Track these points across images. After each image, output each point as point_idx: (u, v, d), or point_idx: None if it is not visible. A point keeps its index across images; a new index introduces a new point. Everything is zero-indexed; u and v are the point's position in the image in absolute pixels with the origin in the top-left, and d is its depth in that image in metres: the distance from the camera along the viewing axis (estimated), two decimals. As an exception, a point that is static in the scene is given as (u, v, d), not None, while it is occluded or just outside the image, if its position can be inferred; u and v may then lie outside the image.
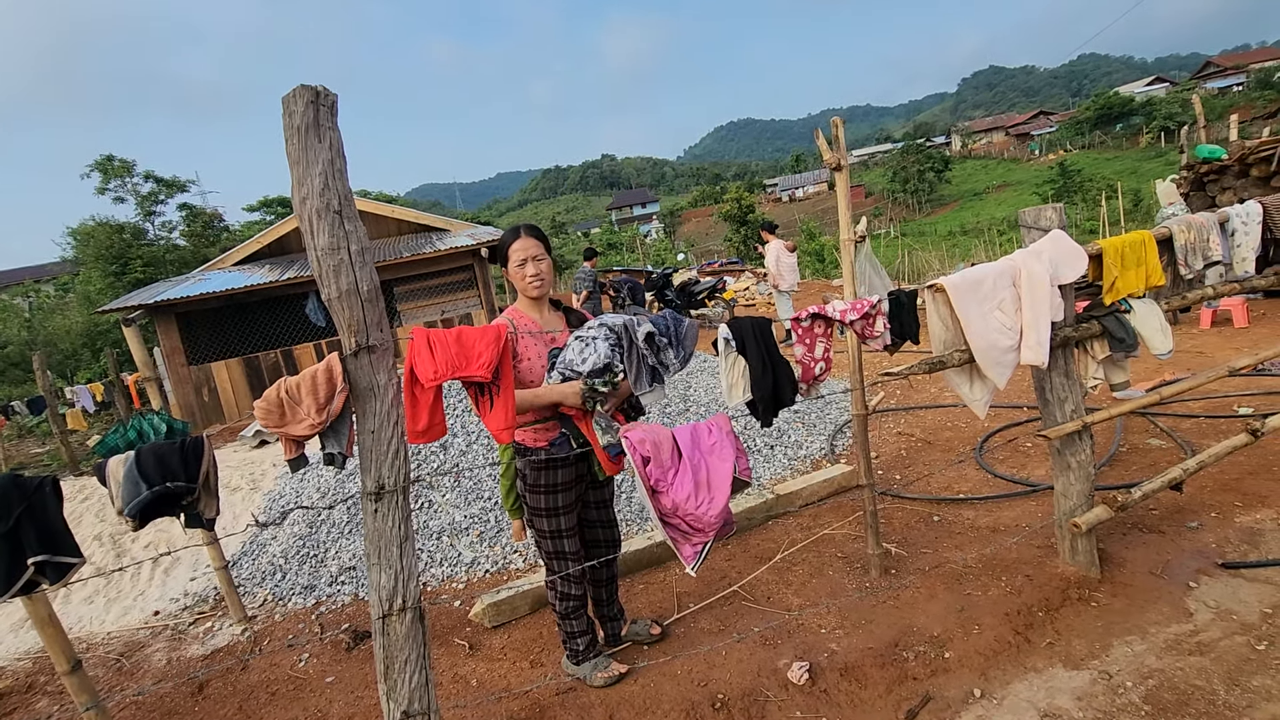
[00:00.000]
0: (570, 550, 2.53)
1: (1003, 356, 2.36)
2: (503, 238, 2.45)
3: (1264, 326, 6.58)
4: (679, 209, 71.87)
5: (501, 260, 2.42)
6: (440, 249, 12.52)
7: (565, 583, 2.54)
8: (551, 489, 2.45)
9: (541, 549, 2.57)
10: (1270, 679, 2.16)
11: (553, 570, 2.56)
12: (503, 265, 2.42)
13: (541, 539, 2.54)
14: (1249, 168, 7.44)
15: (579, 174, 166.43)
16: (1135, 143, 47.92)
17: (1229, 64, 65.32)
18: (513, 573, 3.85)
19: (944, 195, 51.80)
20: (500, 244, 2.44)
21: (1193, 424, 4.37)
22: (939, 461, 4.46)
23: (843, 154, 2.83)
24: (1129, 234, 2.58)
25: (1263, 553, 2.83)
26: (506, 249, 2.39)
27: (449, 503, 4.36)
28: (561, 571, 2.53)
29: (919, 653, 2.53)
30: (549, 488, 2.45)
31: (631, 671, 2.64)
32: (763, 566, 3.38)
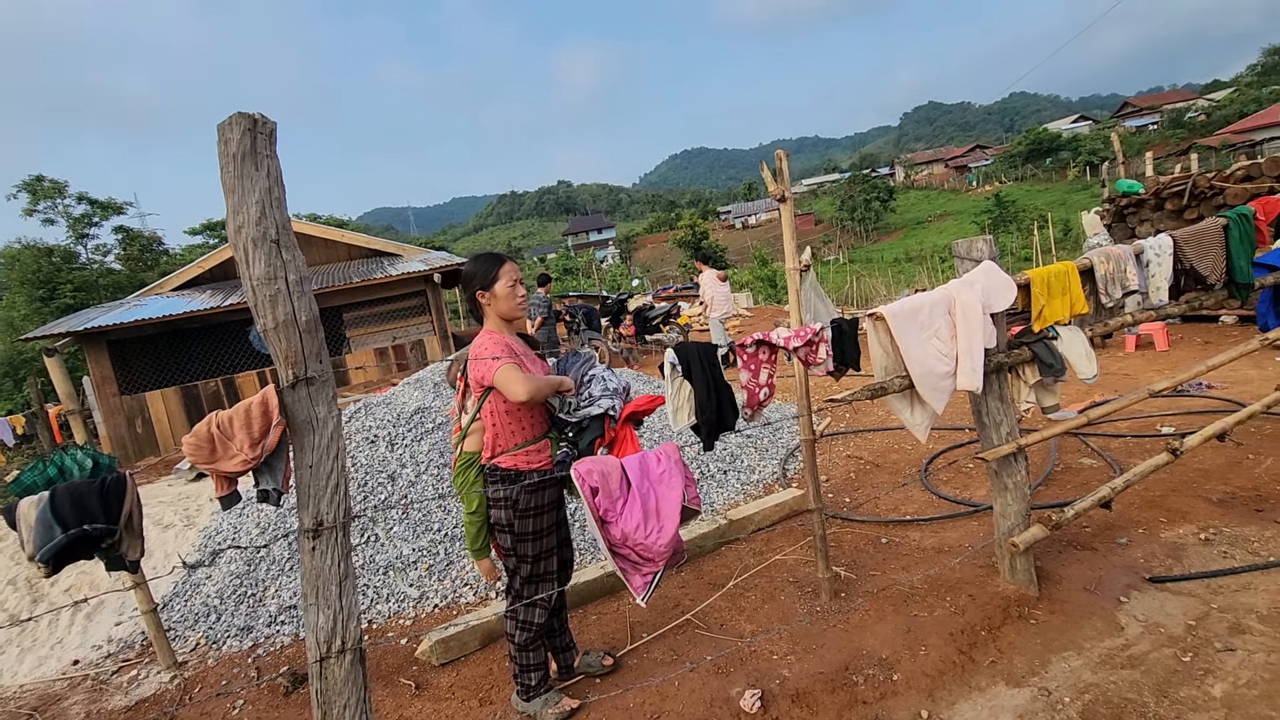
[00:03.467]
0: (554, 570, 2.55)
1: (940, 382, 2.44)
2: (483, 263, 2.47)
3: (1181, 350, 6.99)
4: (635, 235, 72.59)
5: (483, 283, 2.43)
6: (392, 274, 12.32)
7: (531, 610, 2.52)
8: (541, 510, 2.45)
9: (520, 575, 2.53)
10: (1195, 689, 2.26)
11: (526, 597, 2.52)
12: (481, 289, 2.43)
13: (524, 564, 2.50)
14: (1164, 201, 7.96)
15: (535, 199, 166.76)
16: (1063, 176, 50.76)
17: (1144, 104, 70.15)
18: (463, 607, 3.75)
19: (889, 223, 53.75)
20: (480, 269, 2.45)
21: (1121, 443, 4.59)
22: (886, 484, 4.56)
23: (786, 186, 2.92)
24: (1054, 265, 2.73)
25: (1185, 567, 2.97)
26: (495, 271, 2.42)
27: (396, 536, 4.23)
28: (543, 594, 2.51)
29: (868, 676, 2.55)
30: (539, 509, 2.45)
31: (583, 706, 2.59)
32: (716, 593, 3.38)
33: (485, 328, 2.47)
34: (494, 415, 2.39)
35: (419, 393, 5.33)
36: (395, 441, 4.82)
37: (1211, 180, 7.51)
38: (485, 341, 2.35)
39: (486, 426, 2.42)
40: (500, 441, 2.40)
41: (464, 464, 2.60)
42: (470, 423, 2.53)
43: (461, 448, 2.60)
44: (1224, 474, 3.77)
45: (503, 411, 2.39)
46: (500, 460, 2.40)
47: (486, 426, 2.42)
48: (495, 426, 2.40)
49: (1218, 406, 4.91)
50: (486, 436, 2.43)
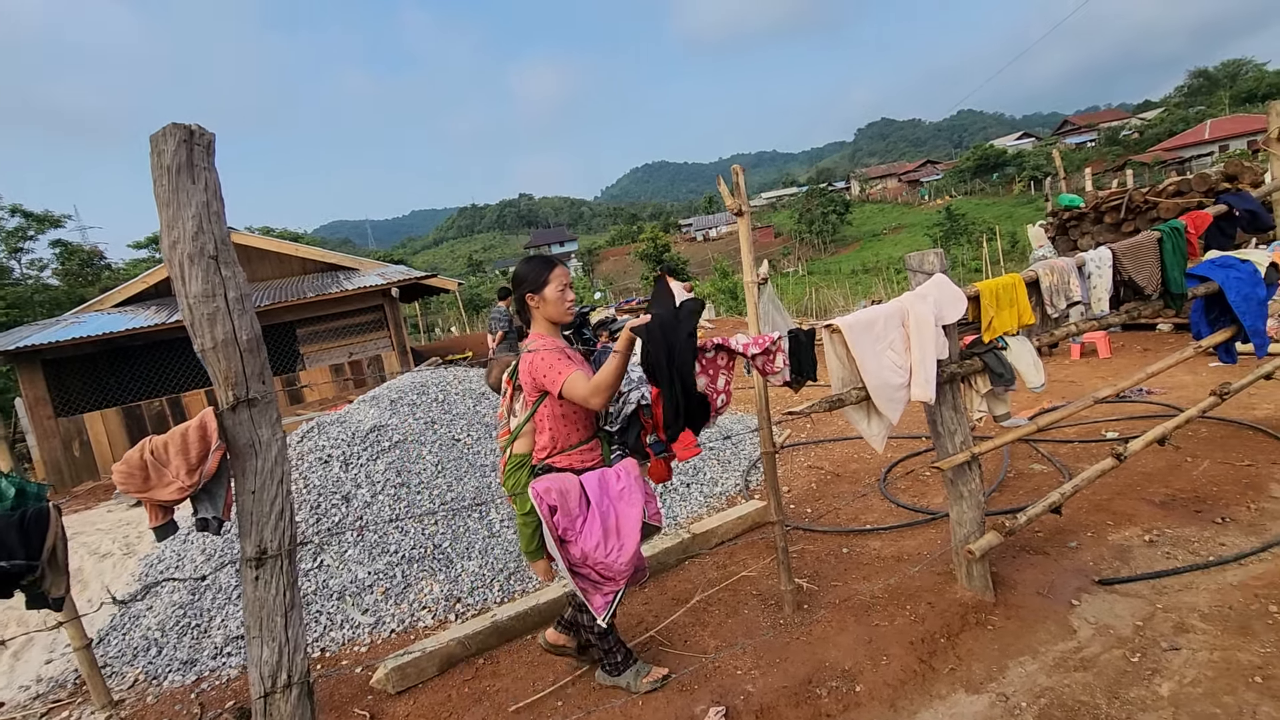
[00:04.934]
0: None
1: (895, 394, 2.48)
2: (534, 266, 2.53)
3: (1123, 357, 7.28)
4: (597, 248, 72.72)
5: (533, 287, 2.49)
6: (348, 289, 12.06)
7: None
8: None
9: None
10: (1144, 689, 2.32)
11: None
12: (532, 292, 2.49)
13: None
14: (1103, 215, 8.32)
15: (496, 212, 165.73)
16: (1009, 190, 52.76)
17: (1083, 122, 73.54)
18: (421, 631, 3.64)
19: (846, 236, 55.01)
20: (531, 272, 2.52)
21: (1069, 449, 4.73)
22: (847, 493, 4.61)
23: (743, 200, 2.95)
24: (1003, 277, 2.80)
25: (1132, 568, 3.06)
26: (546, 275, 2.49)
27: (351, 559, 4.09)
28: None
29: (831, 688, 2.55)
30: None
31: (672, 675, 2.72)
32: (680, 609, 3.35)
33: (535, 331, 2.54)
34: (551, 419, 2.46)
35: (375, 410, 5.19)
36: (350, 461, 4.68)
37: (1146, 195, 7.88)
38: (541, 349, 2.40)
39: (542, 429, 2.48)
40: (558, 442, 2.47)
41: (515, 466, 2.59)
42: (522, 425, 2.54)
43: (511, 450, 2.60)
44: (1165, 477, 3.92)
45: (559, 415, 2.46)
46: (556, 460, 2.46)
47: (542, 429, 2.48)
48: (552, 430, 2.46)
49: (1158, 411, 5.11)
50: (541, 439, 2.49)
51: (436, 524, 4.29)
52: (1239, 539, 3.17)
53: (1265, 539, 3.11)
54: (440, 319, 39.19)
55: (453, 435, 5.07)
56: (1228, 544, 3.14)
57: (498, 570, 3.99)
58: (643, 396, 2.66)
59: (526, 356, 2.44)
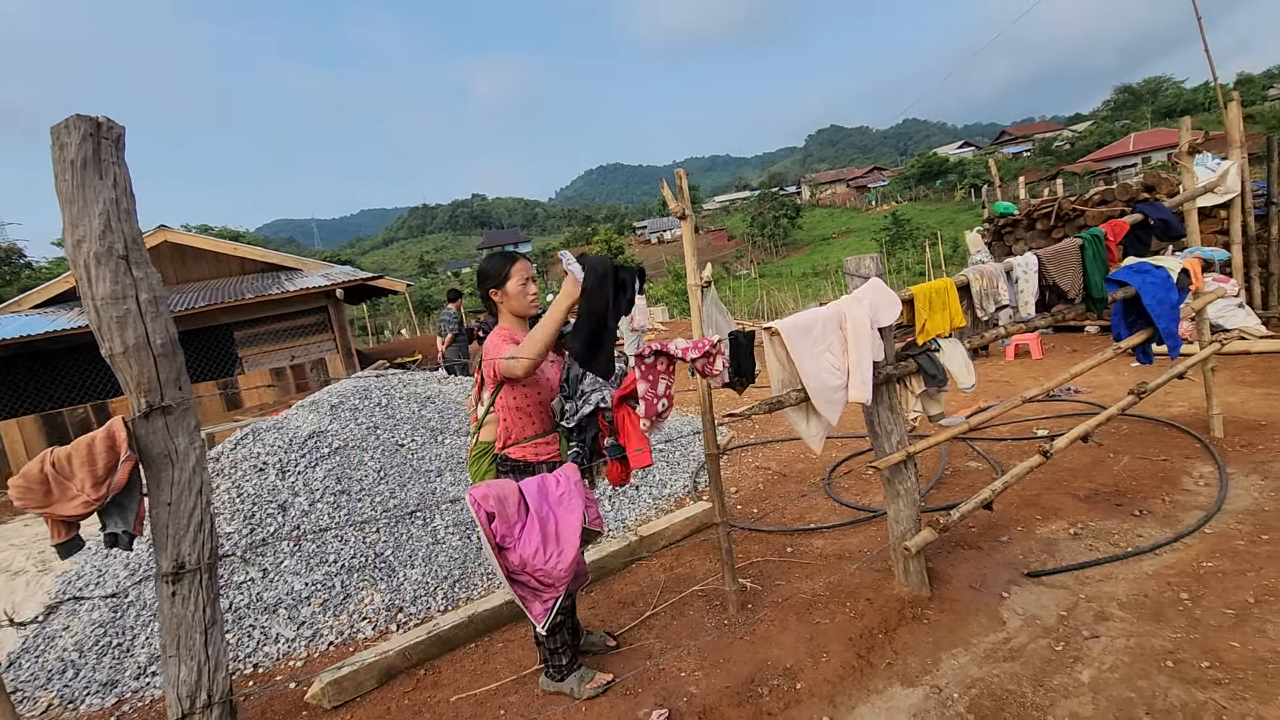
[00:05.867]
0: None
1: (833, 395, 2.53)
2: (495, 262, 2.57)
3: (1054, 358, 7.62)
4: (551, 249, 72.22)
5: (496, 282, 2.54)
6: (289, 290, 11.66)
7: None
8: None
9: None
10: (1067, 677, 2.42)
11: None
12: (494, 287, 2.54)
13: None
14: (1035, 221, 8.70)
15: (448, 213, 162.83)
16: (951, 197, 54.70)
17: (1019, 133, 76.82)
18: (360, 643, 3.53)
19: (797, 239, 56.09)
20: (492, 268, 2.56)
21: (1002, 446, 4.92)
22: (793, 493, 4.69)
23: (686, 204, 2.96)
24: (935, 281, 2.89)
25: (1058, 560, 3.20)
26: (507, 269, 2.53)
27: (287, 570, 3.95)
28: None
29: (773, 686, 2.58)
30: None
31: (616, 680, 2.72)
32: (625, 612, 3.34)
33: (499, 325, 2.59)
34: (506, 410, 2.52)
35: (314, 415, 5.02)
36: (287, 469, 4.51)
37: (1074, 204, 8.28)
38: (495, 339, 2.46)
39: (500, 419, 2.54)
40: (513, 433, 2.52)
41: (479, 453, 2.64)
42: (485, 414, 2.60)
43: (477, 437, 2.65)
44: (1089, 472, 4.11)
45: (514, 407, 2.51)
46: (511, 451, 2.52)
47: (500, 419, 2.54)
48: (506, 421, 2.52)
49: (1084, 410, 5.36)
50: (500, 428, 2.55)
51: (378, 532, 4.18)
52: (1155, 530, 3.34)
53: (1178, 530, 3.29)
54: (390, 321, 38.30)
55: (396, 440, 4.95)
56: (1144, 535, 3.32)
57: (442, 578, 3.91)
58: (602, 399, 2.68)
59: (485, 348, 2.50)
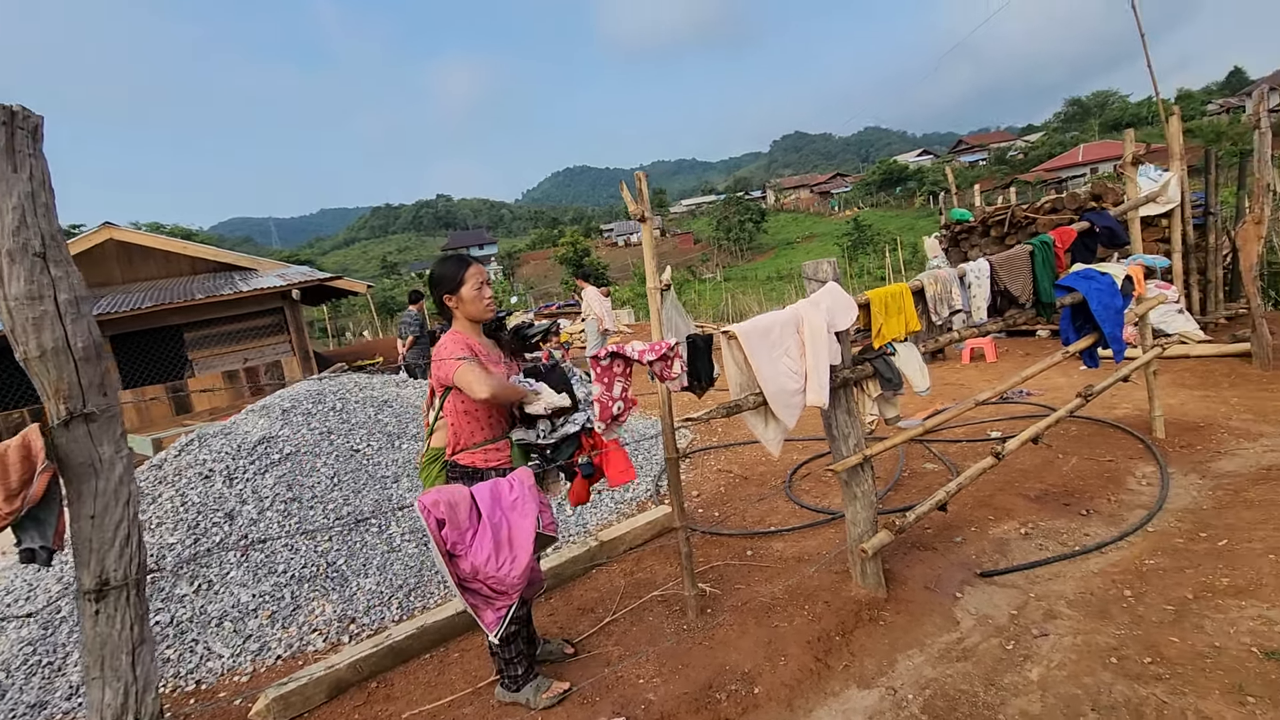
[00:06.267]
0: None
1: (791, 399, 2.53)
2: (449, 266, 2.51)
3: (1008, 361, 7.83)
4: (517, 251, 71.75)
5: (450, 287, 2.48)
6: (243, 290, 11.30)
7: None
8: None
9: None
10: (1017, 675, 2.46)
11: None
12: (448, 292, 2.49)
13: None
14: (989, 228, 8.93)
15: (412, 213, 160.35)
16: (911, 203, 56.03)
17: (975, 142, 79.14)
18: (310, 656, 3.41)
19: (762, 244, 56.72)
20: (446, 272, 2.50)
21: (959, 448, 5.02)
22: (755, 496, 4.70)
23: (646, 206, 2.94)
24: (890, 286, 2.93)
25: (1010, 560, 3.27)
26: (461, 274, 2.47)
27: (234, 581, 3.80)
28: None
29: (731, 692, 2.57)
30: None
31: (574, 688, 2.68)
32: (584, 619, 3.30)
33: (452, 329, 2.53)
34: (454, 414, 2.46)
35: (264, 420, 4.86)
36: (234, 476, 4.35)
37: (1026, 211, 8.52)
38: (447, 342, 2.41)
39: (449, 424, 2.50)
40: (461, 439, 2.47)
41: (429, 459, 2.61)
42: (435, 420, 2.56)
43: (429, 443, 2.62)
44: (1040, 473, 4.21)
45: (462, 411, 2.46)
46: (460, 457, 2.47)
47: (449, 424, 2.50)
48: (455, 425, 2.47)
49: (1035, 411, 5.51)
50: (449, 434, 2.51)
51: (331, 540, 4.05)
52: (1101, 529, 3.44)
53: (1122, 529, 3.39)
54: (352, 323, 37.51)
55: (351, 446, 4.81)
56: (1091, 534, 3.41)
57: (396, 587, 3.81)
58: (588, 419, 2.62)
59: (436, 353, 2.45)
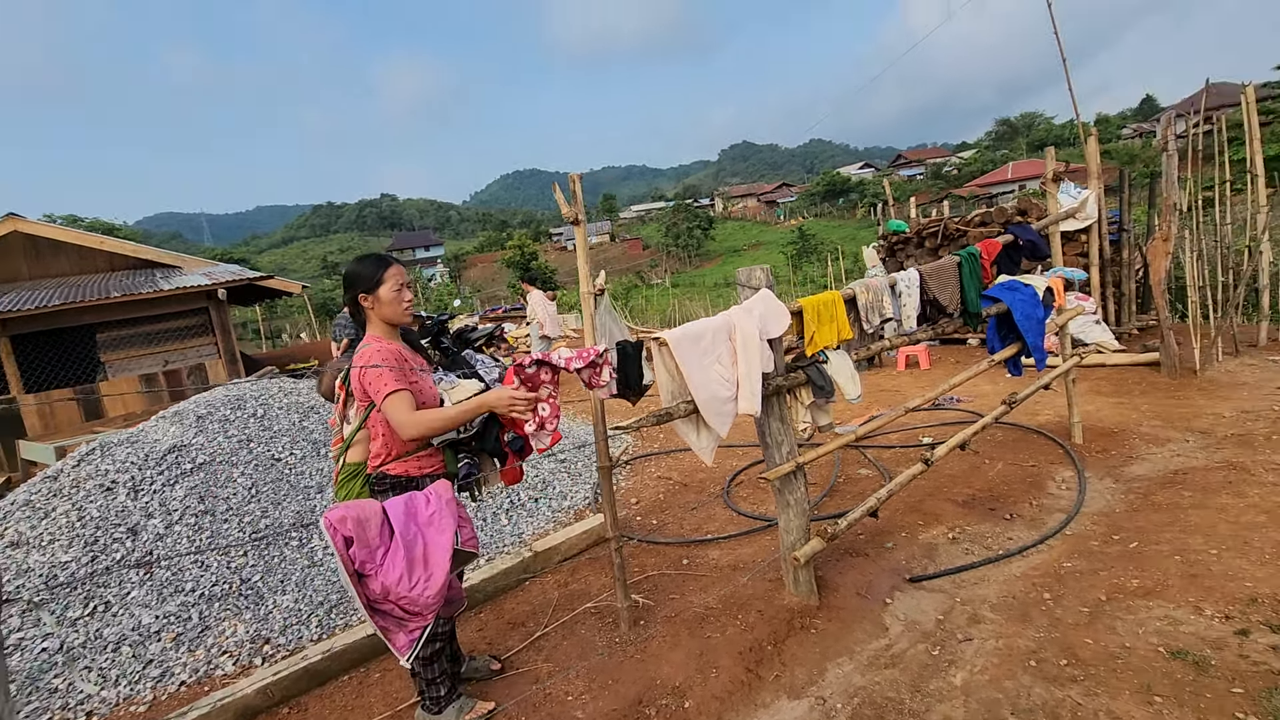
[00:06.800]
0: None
1: (722, 407, 2.50)
2: (367, 265, 2.38)
3: (941, 368, 8.08)
4: (464, 253, 70.57)
5: (367, 286, 2.34)
6: (164, 289, 10.67)
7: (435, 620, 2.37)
8: None
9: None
10: (942, 681, 2.49)
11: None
12: (365, 292, 2.35)
13: None
14: (924, 240, 9.23)
15: (355, 212, 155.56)
16: (853, 214, 57.68)
17: (913, 157, 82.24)
18: (219, 680, 3.19)
19: (710, 250, 57.39)
20: (364, 271, 2.36)
21: (893, 454, 5.12)
22: (693, 503, 4.68)
23: (580, 209, 2.87)
24: (823, 294, 2.95)
25: (938, 565, 3.32)
26: (380, 274, 2.34)
27: (135, 602, 3.53)
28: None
29: (661, 706, 2.52)
30: None
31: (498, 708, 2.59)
32: (515, 633, 3.19)
33: (370, 333, 2.38)
34: (384, 423, 2.30)
35: (177, 428, 4.55)
36: (140, 488, 4.05)
37: (958, 224, 8.84)
38: (373, 353, 2.25)
39: (375, 435, 2.34)
40: (393, 449, 2.33)
41: (348, 475, 2.42)
42: (355, 433, 2.38)
43: (344, 459, 2.43)
44: (967, 478, 4.33)
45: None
46: (390, 467, 2.33)
47: (375, 435, 2.34)
48: (386, 435, 2.32)
49: (966, 418, 5.68)
50: (375, 445, 2.35)
51: (246, 555, 3.82)
52: (1023, 533, 3.54)
53: (1043, 532, 3.50)
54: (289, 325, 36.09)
55: (272, 454, 4.56)
56: (1014, 538, 3.50)
57: (317, 604, 3.61)
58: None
59: (358, 360, 2.27)
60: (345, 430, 2.47)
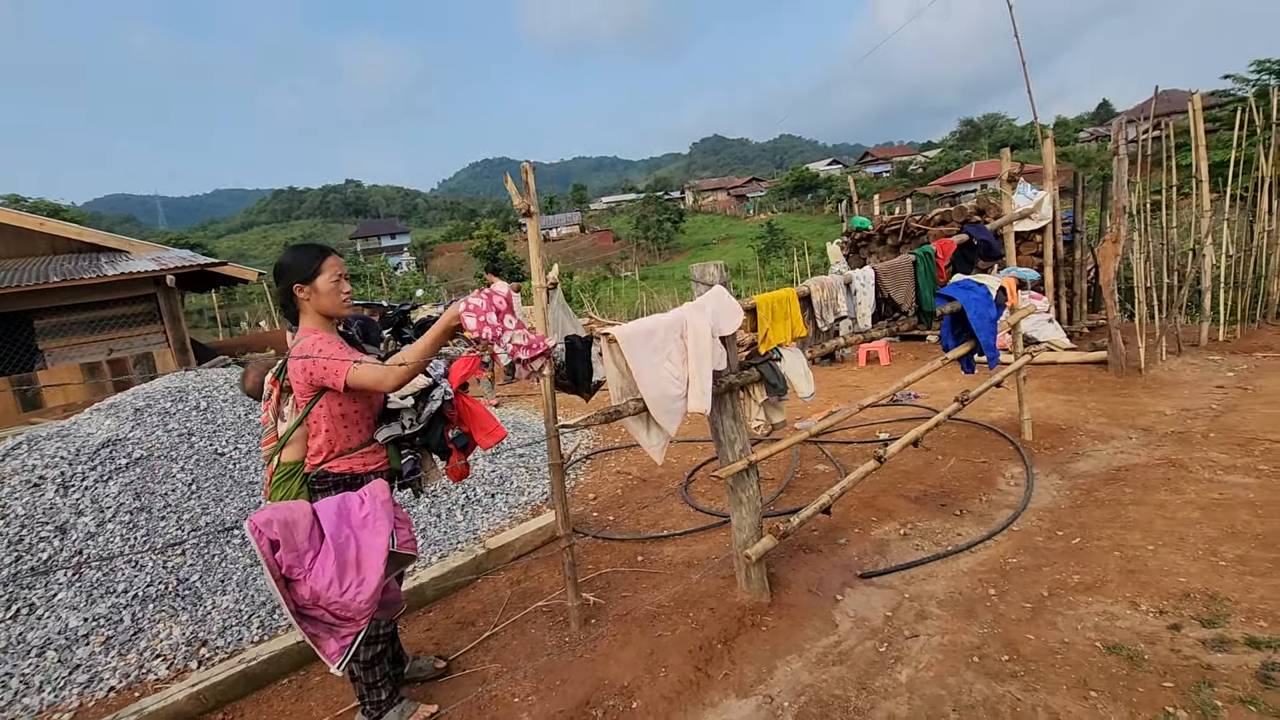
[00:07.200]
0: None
1: (672, 405, 2.47)
2: (302, 255, 2.27)
3: (900, 365, 8.20)
4: (431, 242, 69.42)
5: (303, 277, 2.23)
6: (108, 274, 10.23)
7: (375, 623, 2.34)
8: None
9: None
10: (888, 678, 2.50)
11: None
12: (301, 282, 2.24)
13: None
14: (886, 237, 9.34)
15: (319, 198, 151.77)
16: (821, 210, 58.27)
17: (880, 155, 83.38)
18: (150, 685, 3.06)
19: (679, 244, 57.43)
20: (299, 261, 2.25)
21: (850, 449, 5.17)
22: (651, 498, 4.65)
23: (532, 200, 2.80)
24: (778, 291, 2.93)
25: (889, 561, 3.35)
26: (318, 264, 2.24)
27: (62, 604, 3.36)
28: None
29: (608, 708, 2.48)
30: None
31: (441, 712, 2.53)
32: (463, 633, 3.13)
33: (306, 327, 2.28)
34: (329, 419, 2.23)
35: (112, 421, 4.35)
36: (70, 484, 3.86)
37: (919, 222, 8.96)
38: (316, 341, 2.17)
39: (316, 432, 2.26)
40: (337, 445, 2.26)
41: (284, 475, 2.29)
42: (292, 430, 2.26)
43: (279, 458, 2.30)
44: (920, 474, 4.38)
45: (338, 415, 2.25)
46: (334, 465, 2.26)
47: (316, 432, 2.26)
48: (330, 430, 2.24)
49: (922, 414, 5.76)
50: (316, 442, 2.26)
51: (184, 554, 3.67)
52: (972, 529, 3.60)
53: (990, 528, 3.55)
54: (248, 313, 35.06)
55: (215, 449, 4.39)
56: (963, 534, 3.56)
57: (259, 604, 3.49)
58: (445, 392, 2.53)
59: (298, 351, 2.17)
60: (281, 428, 2.36)
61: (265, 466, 2.41)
